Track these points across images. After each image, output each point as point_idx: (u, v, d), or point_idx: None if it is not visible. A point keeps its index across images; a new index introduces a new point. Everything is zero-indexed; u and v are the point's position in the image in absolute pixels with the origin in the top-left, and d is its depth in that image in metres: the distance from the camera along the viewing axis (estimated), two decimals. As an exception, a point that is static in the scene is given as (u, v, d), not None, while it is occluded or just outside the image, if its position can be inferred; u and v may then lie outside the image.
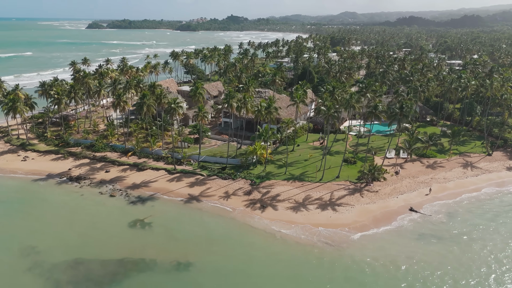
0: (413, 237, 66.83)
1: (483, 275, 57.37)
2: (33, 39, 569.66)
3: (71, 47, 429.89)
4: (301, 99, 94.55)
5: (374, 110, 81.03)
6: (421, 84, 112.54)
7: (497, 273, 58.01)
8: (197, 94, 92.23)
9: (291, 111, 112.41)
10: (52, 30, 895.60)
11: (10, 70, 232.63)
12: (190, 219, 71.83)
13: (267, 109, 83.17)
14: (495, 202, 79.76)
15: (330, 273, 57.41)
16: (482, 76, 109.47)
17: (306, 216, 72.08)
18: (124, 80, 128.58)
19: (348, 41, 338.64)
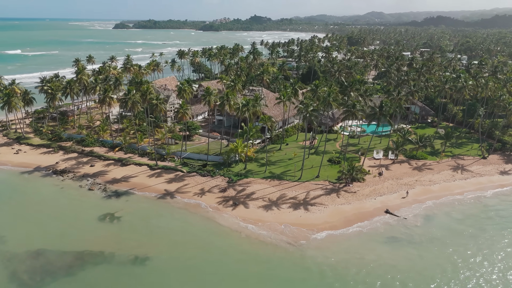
0: (382, 240, 64.81)
1: (446, 281, 54.97)
2: (62, 38, 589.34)
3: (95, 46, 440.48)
4: (288, 97, 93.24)
5: (352, 108, 79.03)
6: (415, 84, 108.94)
7: (460, 278, 55.53)
8: (181, 92, 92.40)
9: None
10: (81, 30, 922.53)
11: (34, 68, 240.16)
12: (160, 215, 72.08)
13: (245, 106, 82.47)
14: (479, 206, 76.48)
15: (287, 273, 56.34)
16: (482, 76, 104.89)
17: (276, 215, 71.09)
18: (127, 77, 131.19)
19: (363, 41, 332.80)
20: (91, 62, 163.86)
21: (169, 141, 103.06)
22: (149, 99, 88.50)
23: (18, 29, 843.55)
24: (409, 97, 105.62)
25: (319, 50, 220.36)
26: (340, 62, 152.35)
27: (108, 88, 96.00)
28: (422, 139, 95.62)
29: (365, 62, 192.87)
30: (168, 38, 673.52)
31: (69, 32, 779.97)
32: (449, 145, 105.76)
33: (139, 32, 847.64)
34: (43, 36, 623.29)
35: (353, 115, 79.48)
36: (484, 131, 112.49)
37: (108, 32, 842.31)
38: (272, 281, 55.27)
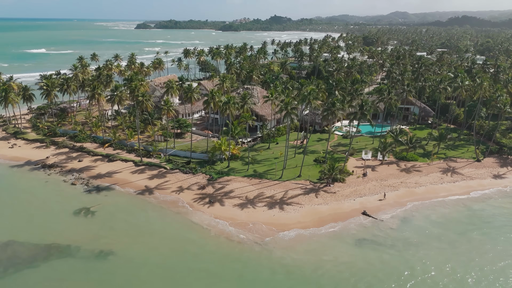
0: (352, 241, 63.29)
1: (409, 285, 53.18)
2: (86, 38, 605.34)
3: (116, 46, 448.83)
4: (276, 96, 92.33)
5: (332, 107, 77.43)
6: (409, 83, 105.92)
7: (427, 283, 53.60)
8: (169, 90, 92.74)
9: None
10: (105, 30, 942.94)
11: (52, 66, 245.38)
12: (134, 211, 72.42)
13: (226, 104, 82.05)
14: (462, 210, 73.75)
15: (249, 272, 55.64)
16: (480, 76, 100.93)
17: (250, 214, 70.41)
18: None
19: (377, 41, 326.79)
20: (95, 59, 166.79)
21: (159, 138, 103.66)
22: (135, 96, 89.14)
23: (47, 29, 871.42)
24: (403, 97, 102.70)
25: (326, 50, 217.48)
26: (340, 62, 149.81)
27: (97, 85, 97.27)
28: (412, 140, 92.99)
29: (376, 63, 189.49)
30: (189, 38, 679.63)
31: (93, 32, 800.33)
32: (444, 147, 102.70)
33: (160, 32, 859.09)
34: (69, 36, 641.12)
35: (332, 114, 77.85)
36: (484, 133, 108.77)
37: (130, 32, 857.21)
38: (231, 279, 54.65)
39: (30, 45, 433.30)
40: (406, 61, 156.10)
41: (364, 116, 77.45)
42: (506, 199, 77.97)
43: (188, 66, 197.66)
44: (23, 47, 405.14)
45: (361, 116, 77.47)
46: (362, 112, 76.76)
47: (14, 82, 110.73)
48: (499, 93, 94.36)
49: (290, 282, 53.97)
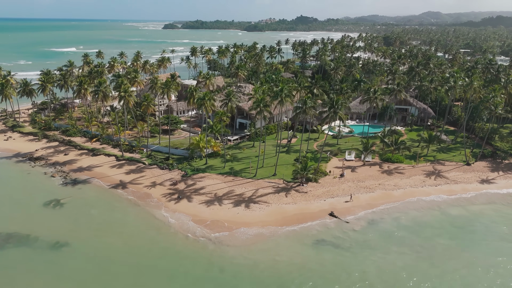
0: (309, 242, 61.69)
1: None
2: (115, 37, 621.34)
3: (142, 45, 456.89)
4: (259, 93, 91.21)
5: (303, 105, 75.67)
6: (399, 83, 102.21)
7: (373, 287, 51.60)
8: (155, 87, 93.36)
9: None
10: (134, 30, 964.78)
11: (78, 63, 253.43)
12: (101, 204, 73.17)
13: (201, 100, 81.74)
14: (436, 215, 70.62)
15: (198, 270, 54.92)
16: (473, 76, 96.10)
17: (214, 211, 69.85)
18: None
19: (395, 41, 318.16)
20: (100, 57, 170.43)
21: (147, 135, 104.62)
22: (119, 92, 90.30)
23: (80, 29, 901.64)
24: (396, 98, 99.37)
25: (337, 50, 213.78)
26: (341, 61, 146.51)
27: (83, 80, 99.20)
28: (397, 141, 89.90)
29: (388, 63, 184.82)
30: (214, 38, 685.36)
31: (123, 32, 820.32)
32: (436, 150, 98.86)
33: (187, 32, 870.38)
34: (99, 36, 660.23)
35: (303, 112, 76.09)
36: (483, 136, 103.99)
37: (157, 32, 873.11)
38: (176, 277, 54.10)
39: (61, 44, 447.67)
40: (406, 61, 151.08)
41: (335, 115, 75.31)
42: (487, 206, 74.12)
43: (196, 64, 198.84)
44: (53, 46, 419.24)
45: (333, 115, 75.39)
46: (334, 111, 74.64)
47: (12, 77, 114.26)
48: (494, 94, 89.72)
49: (236, 281, 53.07)
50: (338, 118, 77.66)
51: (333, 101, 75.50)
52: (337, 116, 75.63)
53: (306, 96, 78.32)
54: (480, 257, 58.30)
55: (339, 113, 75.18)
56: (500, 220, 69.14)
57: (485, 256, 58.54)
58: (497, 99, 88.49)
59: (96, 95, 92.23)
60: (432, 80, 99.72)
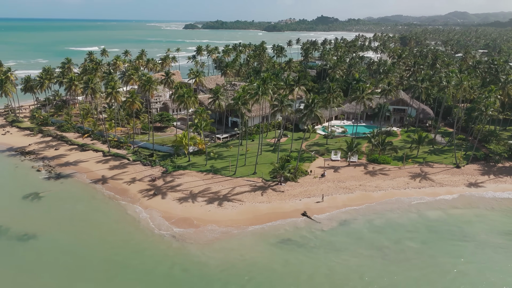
0: (274, 241, 60.76)
1: None
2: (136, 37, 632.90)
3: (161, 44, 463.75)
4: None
5: (280, 103, 74.58)
6: (389, 82, 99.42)
7: None
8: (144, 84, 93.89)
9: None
10: (155, 30, 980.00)
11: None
12: (78, 198, 74.01)
13: (180, 97, 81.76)
14: (413, 218, 68.42)
15: (158, 267, 54.50)
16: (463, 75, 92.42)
17: (186, 208, 69.69)
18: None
19: (410, 41, 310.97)
20: (105, 55, 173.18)
21: (137, 131, 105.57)
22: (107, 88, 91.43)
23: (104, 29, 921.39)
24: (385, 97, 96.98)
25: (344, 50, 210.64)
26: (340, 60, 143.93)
27: (73, 76, 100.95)
28: (383, 142, 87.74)
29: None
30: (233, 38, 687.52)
31: (145, 32, 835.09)
32: (428, 151, 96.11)
33: (207, 32, 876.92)
34: (122, 35, 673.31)
35: (280, 110, 75.00)
36: (476, 137, 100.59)
37: (177, 32, 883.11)
38: (135, 274, 53.73)
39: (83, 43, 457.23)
40: (408, 60, 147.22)
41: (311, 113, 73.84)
42: (469, 210, 71.42)
43: (204, 63, 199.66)
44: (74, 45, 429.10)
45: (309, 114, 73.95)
46: (311, 110, 73.26)
47: (12, 74, 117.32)
48: (487, 95, 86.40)
49: (192, 279, 52.52)
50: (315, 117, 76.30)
51: (309, 100, 74.14)
52: (313, 115, 74.22)
53: (283, 94, 77.21)
54: (446, 262, 56.13)
55: (315, 112, 73.74)
56: (479, 225, 66.46)
57: (452, 261, 56.33)
58: (490, 100, 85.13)
59: (85, 91, 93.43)
60: (423, 79, 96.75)
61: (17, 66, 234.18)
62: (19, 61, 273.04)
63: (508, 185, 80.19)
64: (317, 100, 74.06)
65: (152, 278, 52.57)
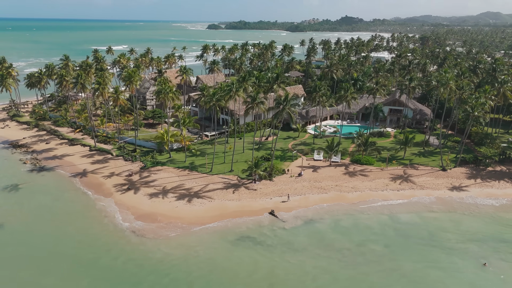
0: (232, 239, 60.13)
1: None
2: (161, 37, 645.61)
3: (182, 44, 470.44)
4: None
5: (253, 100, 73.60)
6: (377, 81, 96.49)
7: None
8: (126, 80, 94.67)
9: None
10: (181, 30, 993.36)
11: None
12: (53, 191, 75.39)
13: (159, 93, 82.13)
14: (383, 220, 66.33)
15: (112, 262, 54.66)
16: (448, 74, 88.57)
17: (155, 204, 69.89)
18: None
19: (427, 41, 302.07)
20: (110, 52, 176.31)
21: (128, 127, 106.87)
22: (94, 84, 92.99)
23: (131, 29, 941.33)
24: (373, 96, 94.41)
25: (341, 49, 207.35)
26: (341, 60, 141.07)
27: (64, 73, 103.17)
28: (366, 143, 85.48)
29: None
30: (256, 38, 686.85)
31: (169, 32, 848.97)
32: (418, 153, 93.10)
33: (230, 32, 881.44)
34: (147, 35, 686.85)
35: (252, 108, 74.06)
36: (478, 141, 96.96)
37: (201, 32, 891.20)
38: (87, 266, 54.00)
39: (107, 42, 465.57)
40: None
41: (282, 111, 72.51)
42: (445, 214, 68.64)
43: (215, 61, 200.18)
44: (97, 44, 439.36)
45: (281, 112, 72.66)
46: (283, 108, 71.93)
47: (13, 69, 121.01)
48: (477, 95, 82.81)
49: (143, 274, 52.35)
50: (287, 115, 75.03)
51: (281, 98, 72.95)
52: (283, 113, 72.97)
53: (255, 92, 76.30)
54: (406, 267, 54.10)
55: (287, 110, 72.48)
56: (452, 229, 63.73)
57: (413, 266, 54.22)
58: (478, 101, 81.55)
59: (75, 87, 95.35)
60: (411, 78, 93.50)
61: (37, 63, 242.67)
62: (39, 58, 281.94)
63: (494, 190, 76.62)
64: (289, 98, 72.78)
65: (102, 272, 52.85)
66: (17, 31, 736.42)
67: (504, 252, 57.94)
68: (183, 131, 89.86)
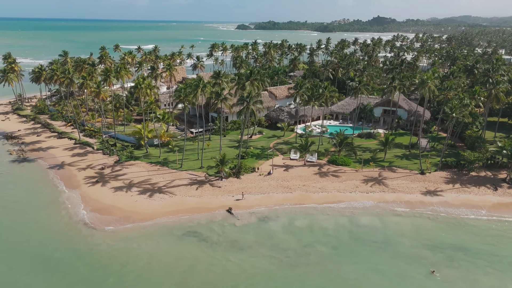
0: (179, 234, 59.91)
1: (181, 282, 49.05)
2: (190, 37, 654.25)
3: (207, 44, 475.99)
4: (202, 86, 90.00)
5: (218, 97, 72.88)
6: (360, 80, 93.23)
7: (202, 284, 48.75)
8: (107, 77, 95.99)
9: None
10: (210, 30, 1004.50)
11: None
12: (25, 181, 77.87)
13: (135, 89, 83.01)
14: (341, 221, 64.26)
15: (59, 254, 55.42)
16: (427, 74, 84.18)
17: (116, 197, 70.61)
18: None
19: (450, 41, 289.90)
20: (118, 50, 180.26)
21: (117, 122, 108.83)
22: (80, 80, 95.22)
23: (164, 29, 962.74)
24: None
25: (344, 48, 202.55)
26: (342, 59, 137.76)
27: (55, 68, 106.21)
28: (342, 143, 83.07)
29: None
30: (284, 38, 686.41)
31: (199, 32, 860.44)
32: (402, 155, 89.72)
33: (258, 33, 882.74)
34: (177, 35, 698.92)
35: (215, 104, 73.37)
36: (470, 144, 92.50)
37: (229, 32, 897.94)
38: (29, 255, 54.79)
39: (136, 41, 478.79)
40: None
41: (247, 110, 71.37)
42: (409, 218, 65.66)
43: (223, 61, 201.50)
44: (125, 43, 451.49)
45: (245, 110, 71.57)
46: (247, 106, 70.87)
47: (16, 65, 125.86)
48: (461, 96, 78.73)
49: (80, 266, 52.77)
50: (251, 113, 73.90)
51: (247, 95, 71.86)
52: (249, 110, 71.86)
53: (220, 88, 75.58)
54: (349, 271, 52.11)
55: (251, 108, 71.37)
56: (410, 234, 60.85)
57: (356, 270, 52.19)
58: (464, 102, 77.45)
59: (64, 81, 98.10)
60: (394, 78, 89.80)
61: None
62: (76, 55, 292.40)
63: (471, 196, 72.57)
64: (254, 94, 71.68)
65: (39, 262, 53.46)
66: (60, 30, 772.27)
67: (459, 260, 54.73)
68: (161, 126, 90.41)
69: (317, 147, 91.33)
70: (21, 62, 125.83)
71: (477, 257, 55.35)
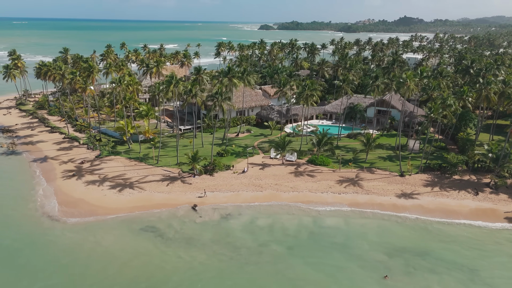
0: (137, 228, 60.00)
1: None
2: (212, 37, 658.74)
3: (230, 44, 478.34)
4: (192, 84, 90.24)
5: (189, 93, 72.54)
6: (344, 79, 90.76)
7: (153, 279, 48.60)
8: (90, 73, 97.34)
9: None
10: (234, 30, 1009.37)
11: None
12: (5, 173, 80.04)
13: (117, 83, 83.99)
14: (305, 222, 62.90)
15: (14, 245, 56.04)
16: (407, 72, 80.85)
17: (87, 191, 71.38)
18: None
19: (469, 42, 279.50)
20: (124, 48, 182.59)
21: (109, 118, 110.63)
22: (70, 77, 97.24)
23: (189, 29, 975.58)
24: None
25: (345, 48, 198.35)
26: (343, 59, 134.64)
27: (49, 64, 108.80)
28: (321, 142, 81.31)
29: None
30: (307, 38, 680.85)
31: (223, 32, 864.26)
32: (386, 156, 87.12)
33: (281, 33, 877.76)
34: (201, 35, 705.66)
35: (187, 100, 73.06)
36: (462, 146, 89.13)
37: (252, 33, 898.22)
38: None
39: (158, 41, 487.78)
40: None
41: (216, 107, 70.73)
42: (376, 221, 63.62)
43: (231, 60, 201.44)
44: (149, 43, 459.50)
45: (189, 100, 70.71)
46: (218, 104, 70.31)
47: (19, 61, 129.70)
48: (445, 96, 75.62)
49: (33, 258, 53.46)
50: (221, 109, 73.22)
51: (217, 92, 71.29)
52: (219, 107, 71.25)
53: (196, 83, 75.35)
54: (299, 271, 50.93)
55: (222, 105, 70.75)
56: (373, 238, 58.88)
57: (305, 271, 50.94)
58: (448, 102, 74.36)
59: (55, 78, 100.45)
60: (376, 76, 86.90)
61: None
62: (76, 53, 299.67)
63: (449, 200, 69.63)
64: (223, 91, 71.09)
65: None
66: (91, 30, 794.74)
67: (417, 266, 52.48)
68: (145, 122, 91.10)
69: (299, 146, 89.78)
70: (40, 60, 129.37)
71: (436, 263, 52.95)
